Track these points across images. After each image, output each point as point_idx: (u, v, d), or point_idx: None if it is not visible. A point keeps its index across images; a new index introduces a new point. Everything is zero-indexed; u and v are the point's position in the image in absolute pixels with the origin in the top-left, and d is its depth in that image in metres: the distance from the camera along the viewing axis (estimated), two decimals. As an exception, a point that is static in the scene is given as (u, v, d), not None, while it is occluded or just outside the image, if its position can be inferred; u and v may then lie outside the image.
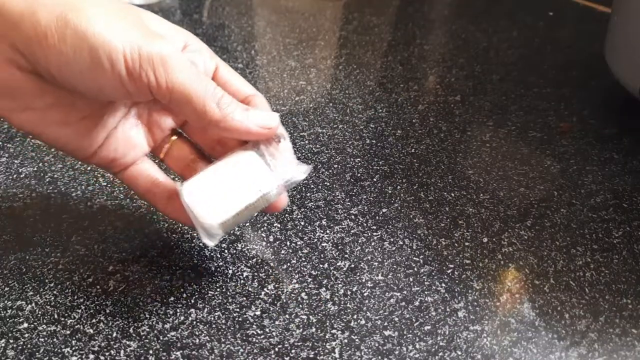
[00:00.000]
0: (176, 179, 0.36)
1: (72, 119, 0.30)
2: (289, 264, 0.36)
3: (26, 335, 0.30)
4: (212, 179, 0.30)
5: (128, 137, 0.33)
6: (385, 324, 0.33)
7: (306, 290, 0.34)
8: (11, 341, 0.30)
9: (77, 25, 0.26)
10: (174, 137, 0.35)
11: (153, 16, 0.30)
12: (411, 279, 0.36)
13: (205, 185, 0.30)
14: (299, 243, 0.38)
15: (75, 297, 0.33)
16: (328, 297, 0.34)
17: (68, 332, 0.31)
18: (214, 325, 0.32)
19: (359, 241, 0.38)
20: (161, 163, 0.35)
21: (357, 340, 0.31)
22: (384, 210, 0.41)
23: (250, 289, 0.34)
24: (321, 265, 0.36)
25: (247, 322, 0.32)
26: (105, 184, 0.41)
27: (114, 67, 0.26)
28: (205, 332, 0.31)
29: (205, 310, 0.32)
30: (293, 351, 0.31)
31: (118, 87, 0.27)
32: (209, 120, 0.28)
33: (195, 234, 0.37)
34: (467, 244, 0.38)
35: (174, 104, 0.28)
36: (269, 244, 0.37)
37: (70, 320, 0.31)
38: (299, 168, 0.32)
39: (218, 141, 0.34)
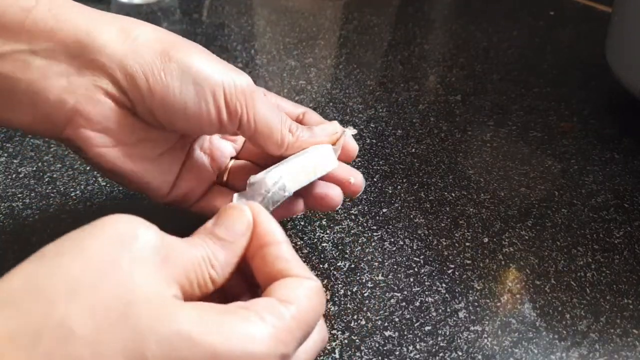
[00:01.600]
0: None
1: (154, 154, 0.31)
2: (289, 264, 0.36)
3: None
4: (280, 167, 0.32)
5: (197, 168, 0.33)
6: (386, 324, 0.32)
7: (306, 290, 0.34)
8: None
9: (180, 60, 0.27)
10: (232, 161, 0.36)
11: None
12: (411, 279, 0.35)
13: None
14: (299, 243, 0.37)
15: (75, 298, 0.32)
16: (328, 297, 0.34)
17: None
18: (213, 326, 0.31)
19: (359, 241, 0.38)
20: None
21: (357, 340, 0.31)
22: (384, 210, 0.41)
23: (250, 289, 0.34)
24: (321, 266, 0.36)
25: (247, 322, 0.32)
26: (104, 183, 0.41)
27: (216, 100, 0.28)
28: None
29: (205, 310, 0.32)
30: (293, 352, 0.30)
31: (215, 121, 0.29)
32: (286, 147, 0.32)
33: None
34: (467, 244, 0.38)
35: (256, 135, 0.30)
36: (268, 244, 0.37)
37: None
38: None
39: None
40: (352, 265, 0.36)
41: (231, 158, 0.36)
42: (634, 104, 0.54)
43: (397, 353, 0.31)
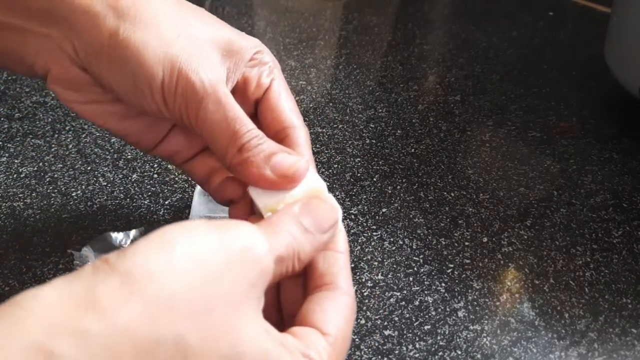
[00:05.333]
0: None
1: (133, 112, 0.30)
2: (289, 264, 0.36)
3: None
4: None
5: (191, 133, 0.32)
6: (385, 323, 0.33)
7: (306, 289, 0.34)
8: (11, 341, 0.30)
9: (124, 49, 0.26)
10: None
11: (221, 24, 0.30)
12: (411, 279, 0.36)
13: None
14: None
15: (76, 297, 0.33)
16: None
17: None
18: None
19: (359, 241, 0.38)
20: None
21: (357, 339, 0.32)
22: (383, 210, 0.41)
23: (250, 289, 0.34)
24: (321, 265, 0.36)
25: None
26: (105, 183, 0.41)
27: (153, 96, 0.27)
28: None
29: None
30: (293, 351, 0.31)
31: (157, 111, 0.28)
32: (229, 164, 0.27)
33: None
34: (467, 243, 0.38)
35: (203, 138, 0.28)
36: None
37: (71, 320, 0.31)
38: None
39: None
40: (352, 265, 0.36)
41: None
42: (633, 104, 0.54)
43: (397, 352, 0.31)
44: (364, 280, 0.35)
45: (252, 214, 0.29)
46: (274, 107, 0.30)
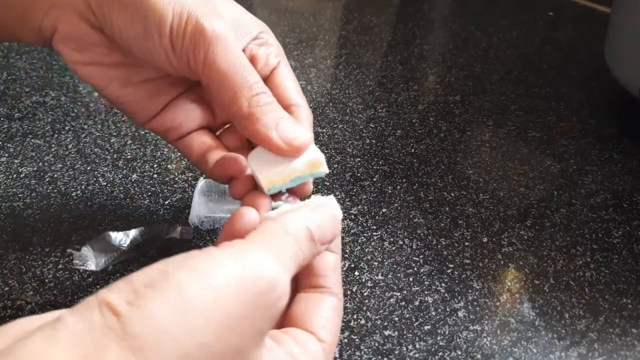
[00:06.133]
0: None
1: (135, 79, 0.30)
2: (289, 264, 0.36)
3: (26, 335, 0.30)
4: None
5: (189, 109, 0.32)
6: (385, 323, 0.33)
7: (306, 290, 0.34)
8: (11, 341, 0.30)
9: None
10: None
11: (231, 2, 0.30)
12: (411, 279, 0.36)
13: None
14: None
15: (75, 297, 0.33)
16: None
17: (68, 331, 0.31)
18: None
19: (359, 241, 0.38)
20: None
21: (357, 339, 0.32)
22: (383, 210, 0.41)
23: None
24: (321, 265, 0.36)
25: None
26: (105, 183, 0.41)
27: (161, 39, 0.27)
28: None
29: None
30: (293, 351, 0.31)
31: (165, 59, 0.27)
32: (235, 113, 0.27)
33: (194, 234, 0.37)
34: (467, 243, 0.38)
35: (209, 87, 0.27)
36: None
37: (70, 320, 0.31)
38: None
39: None
40: (352, 265, 0.36)
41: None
42: (633, 104, 0.54)
43: (397, 352, 0.31)
44: (364, 280, 0.35)
45: (254, 189, 0.29)
46: (279, 85, 0.31)
